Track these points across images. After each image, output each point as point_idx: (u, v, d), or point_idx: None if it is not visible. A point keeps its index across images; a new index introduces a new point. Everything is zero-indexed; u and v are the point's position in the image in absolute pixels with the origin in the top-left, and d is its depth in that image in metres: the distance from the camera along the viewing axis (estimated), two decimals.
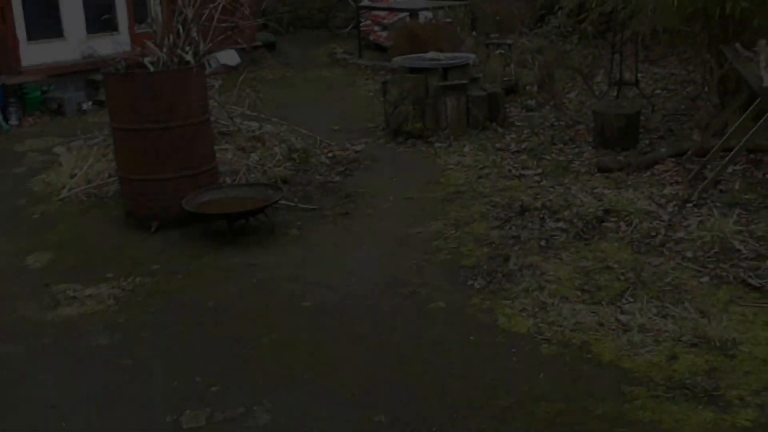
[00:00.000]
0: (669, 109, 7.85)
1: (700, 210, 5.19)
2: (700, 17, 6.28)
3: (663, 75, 9.53)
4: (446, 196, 5.93)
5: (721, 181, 5.54)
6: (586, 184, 5.86)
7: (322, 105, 9.51)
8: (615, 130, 6.60)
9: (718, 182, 5.51)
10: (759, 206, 5.19)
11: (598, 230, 5.00)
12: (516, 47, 9.57)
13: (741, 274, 4.24)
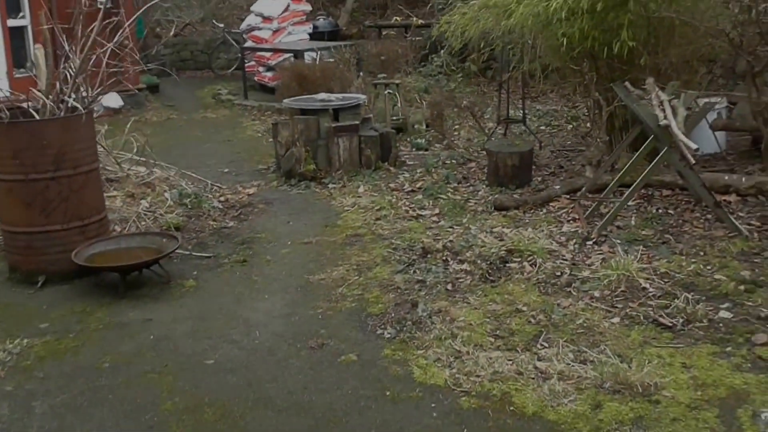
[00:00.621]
0: (557, 145, 7.92)
1: (600, 247, 5.12)
2: (588, 57, 6.33)
3: (545, 111, 9.68)
4: (345, 239, 5.62)
5: (617, 218, 5.52)
6: (484, 224, 5.70)
7: (210, 147, 9.05)
8: (509, 168, 6.53)
9: (615, 218, 5.47)
10: (657, 242, 5.17)
11: (503, 271, 4.83)
12: (403, 86, 9.47)
13: (651, 313, 4.14)
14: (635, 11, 5.90)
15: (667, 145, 5.14)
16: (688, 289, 4.45)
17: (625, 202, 5.41)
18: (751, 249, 4.99)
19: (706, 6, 6.35)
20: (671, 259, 4.87)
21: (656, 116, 5.12)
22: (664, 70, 6.40)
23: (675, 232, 5.38)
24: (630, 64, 6.21)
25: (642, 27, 6.06)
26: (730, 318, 4.10)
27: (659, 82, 5.72)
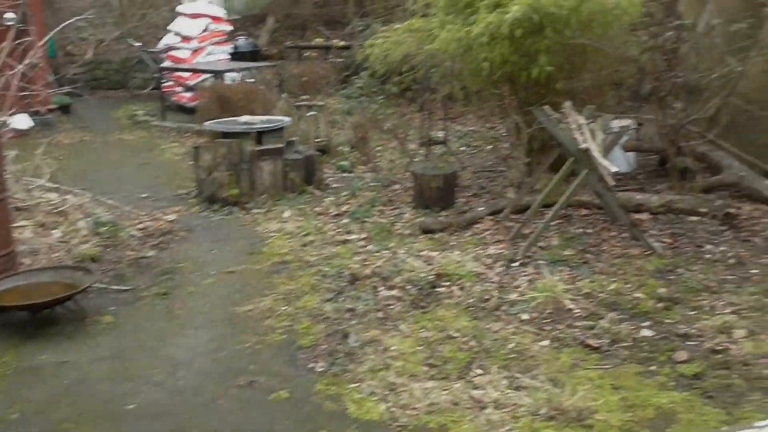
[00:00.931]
0: (477, 167, 8.00)
1: (526, 269, 5.17)
2: (508, 80, 6.42)
3: (464, 132, 9.78)
4: (272, 267, 5.50)
5: (540, 239, 5.59)
6: (412, 247, 5.68)
7: (127, 171, 8.74)
8: (434, 190, 6.54)
9: (538, 240, 5.54)
10: (579, 262, 5.26)
11: (433, 296, 4.81)
12: (326, 108, 9.40)
13: (578, 335, 4.20)
14: (552, 38, 6.03)
15: (587, 168, 5.25)
16: (611, 308, 4.54)
17: (548, 224, 5.49)
18: (665, 266, 5.14)
19: (615, 33, 6.55)
20: (593, 278, 4.96)
21: (576, 140, 5.23)
22: (578, 94, 6.57)
23: (595, 252, 5.49)
24: (547, 88, 6.34)
25: (558, 53, 6.19)
26: (652, 336, 4.19)
27: (574, 105, 5.86)
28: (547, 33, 6.02)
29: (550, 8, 5.84)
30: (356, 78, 10.89)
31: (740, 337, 4.06)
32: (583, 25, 6.20)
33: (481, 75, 6.31)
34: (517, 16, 5.75)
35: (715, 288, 4.76)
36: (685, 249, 5.47)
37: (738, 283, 4.83)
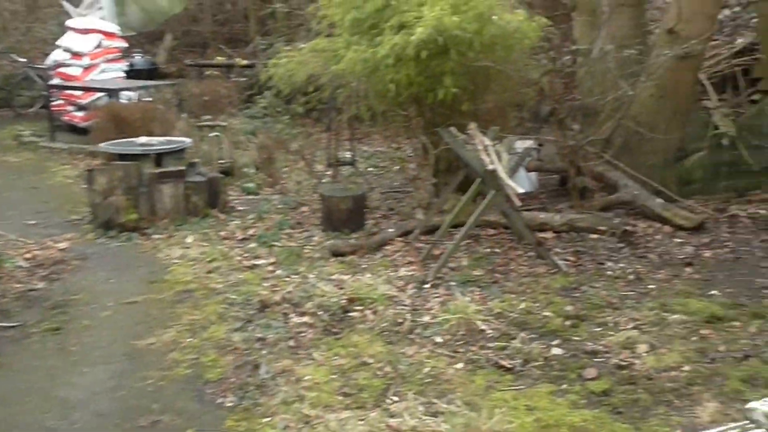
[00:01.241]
0: (386, 187, 7.98)
1: (437, 290, 5.15)
2: (414, 102, 6.43)
3: (371, 153, 9.77)
4: (175, 296, 5.25)
5: (449, 259, 5.59)
6: (322, 271, 5.56)
7: (12, 196, 8.21)
8: (343, 212, 6.46)
9: (448, 261, 5.54)
10: (489, 282, 5.29)
11: (346, 321, 4.71)
12: (229, 129, 9.18)
13: (492, 356, 4.19)
14: (456, 60, 6.08)
15: (494, 189, 5.29)
16: (522, 327, 4.57)
17: (458, 245, 5.51)
18: (570, 284, 5.24)
19: (517, 56, 6.68)
20: (503, 298, 4.99)
21: (482, 161, 5.27)
22: (482, 115, 6.66)
23: (503, 271, 5.53)
24: (453, 109, 6.39)
25: (463, 75, 6.25)
26: (562, 354, 4.24)
27: (479, 126, 5.93)
28: (452, 55, 6.07)
29: (454, 31, 5.88)
30: (260, 97, 10.70)
31: (643, 352, 4.16)
32: (486, 48, 6.29)
33: (387, 96, 6.29)
34: (422, 38, 5.77)
35: (617, 304, 4.88)
36: (587, 266, 5.59)
37: (637, 298, 4.96)
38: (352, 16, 6.30)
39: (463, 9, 6.02)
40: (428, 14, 5.80)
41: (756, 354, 4.02)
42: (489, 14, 6.20)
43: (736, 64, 7.77)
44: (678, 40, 6.86)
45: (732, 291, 5.01)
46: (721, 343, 4.18)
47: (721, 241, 6.07)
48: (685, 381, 3.78)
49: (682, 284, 5.17)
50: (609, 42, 7.08)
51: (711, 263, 5.59)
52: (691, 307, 4.70)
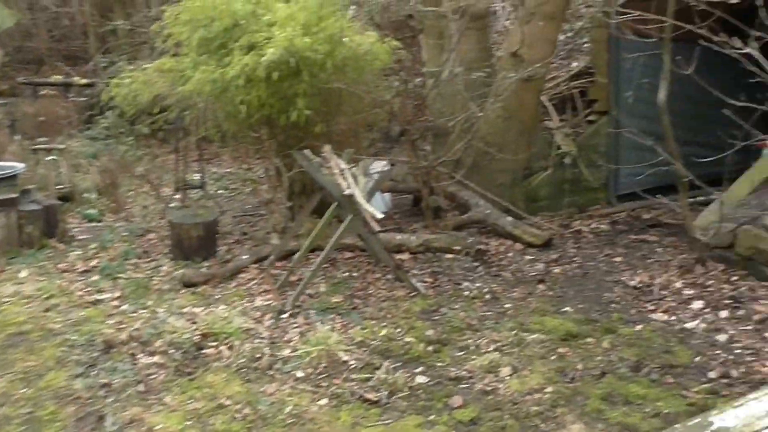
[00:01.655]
0: (238, 211, 7.63)
1: (296, 320, 4.90)
2: (267, 123, 6.16)
3: (221, 174, 9.37)
4: (6, 340, 4.66)
5: (307, 286, 5.35)
6: (173, 304, 5.16)
7: None
8: (194, 239, 6.06)
9: (306, 288, 5.31)
10: (348, 309, 5.10)
11: (200, 360, 4.35)
12: (68, 152, 8.47)
13: (356, 389, 3.99)
14: (309, 81, 5.89)
15: (351, 213, 5.13)
16: (385, 356, 4.41)
17: (317, 272, 5.29)
18: (430, 306, 5.15)
19: (369, 78, 6.59)
20: (364, 325, 4.82)
21: (339, 185, 5.09)
22: (336, 137, 6.51)
23: (362, 296, 5.37)
24: (306, 131, 6.18)
25: (316, 96, 6.07)
26: (427, 383, 4.11)
27: (333, 148, 5.76)
28: (304, 77, 5.87)
29: (306, 52, 5.69)
30: (102, 118, 9.99)
31: (506, 375, 4.11)
32: (338, 70, 6.14)
33: (238, 117, 5.99)
34: (274, 59, 5.53)
35: (477, 326, 4.84)
36: (445, 287, 5.55)
37: (496, 318, 4.96)
38: (200, 35, 5.96)
39: (314, 30, 5.84)
40: (279, 35, 5.57)
41: (611, 370, 4.08)
42: (340, 36, 6.07)
43: (573, 87, 8.10)
44: (522, 63, 7.06)
45: (583, 307, 5.12)
46: (578, 361, 4.21)
47: (569, 256, 6.24)
48: (549, 403, 3.76)
49: (537, 302, 5.22)
50: (457, 64, 7.16)
51: (561, 279, 5.71)
52: (547, 325, 4.74)
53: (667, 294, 5.18)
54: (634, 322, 4.78)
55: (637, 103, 7.46)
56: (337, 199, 5.19)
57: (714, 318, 4.73)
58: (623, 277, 5.65)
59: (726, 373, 3.97)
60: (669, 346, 4.37)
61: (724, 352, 4.25)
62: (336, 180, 5.11)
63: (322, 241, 5.56)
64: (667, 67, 5.33)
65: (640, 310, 5.01)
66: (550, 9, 7.16)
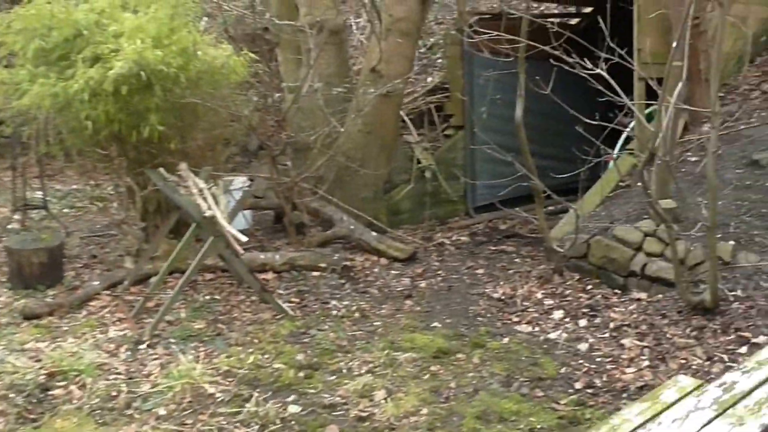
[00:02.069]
0: (86, 231, 7.04)
1: (156, 350, 4.54)
2: (116, 140, 5.71)
3: (65, 192, 8.66)
4: None
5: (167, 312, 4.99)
6: (13, 340, 4.63)
7: None
8: (36, 266, 5.50)
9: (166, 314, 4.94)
10: (212, 335, 4.80)
11: (47, 402, 3.92)
12: None
13: (225, 424, 3.72)
14: (161, 96, 5.54)
15: (213, 234, 4.83)
16: (254, 385, 4.16)
17: (177, 297, 4.93)
18: (298, 328, 4.95)
19: (226, 92, 6.29)
20: (230, 352, 4.54)
21: (199, 206, 4.78)
22: (192, 153, 6.18)
23: (226, 321, 5.08)
24: (160, 147, 5.81)
25: (170, 111, 5.72)
26: (300, 412, 3.91)
27: (190, 165, 5.45)
28: (156, 91, 5.51)
29: (158, 65, 5.35)
30: None
31: (381, 399, 3.99)
32: (192, 84, 5.82)
33: (83, 133, 5.51)
34: (122, 72, 5.14)
35: (347, 347, 4.69)
36: (312, 307, 5.37)
37: (366, 338, 4.83)
38: (36, 46, 5.43)
39: (166, 43, 5.51)
40: (127, 47, 5.18)
41: (484, 387, 4.06)
42: (194, 49, 5.76)
43: (430, 102, 8.19)
44: (381, 78, 7.03)
45: (451, 321, 5.11)
46: (451, 379, 4.16)
47: (433, 270, 6.25)
48: (426, 426, 3.67)
49: (406, 318, 5.15)
50: (317, 79, 7.01)
51: (428, 294, 5.69)
52: (418, 342, 4.67)
53: (529, 305, 5.28)
54: (501, 335, 4.82)
55: (492, 118, 7.66)
56: (197, 220, 4.87)
57: (574, 327, 4.86)
58: (487, 289, 5.71)
59: (590, 382, 4.07)
60: (536, 358, 4.42)
61: (587, 362, 4.36)
62: (195, 200, 4.80)
63: (181, 264, 5.22)
64: (522, 85, 5.45)
65: (505, 322, 5.07)
66: (405, 26, 7.19)
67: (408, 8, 7.18)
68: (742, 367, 2.85)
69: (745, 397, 2.59)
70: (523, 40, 5.40)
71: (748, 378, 2.70)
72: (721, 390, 2.64)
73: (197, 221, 4.88)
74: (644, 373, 4.11)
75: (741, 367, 2.86)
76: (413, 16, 7.24)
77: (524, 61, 5.49)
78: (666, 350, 4.32)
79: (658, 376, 4.04)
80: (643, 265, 5.16)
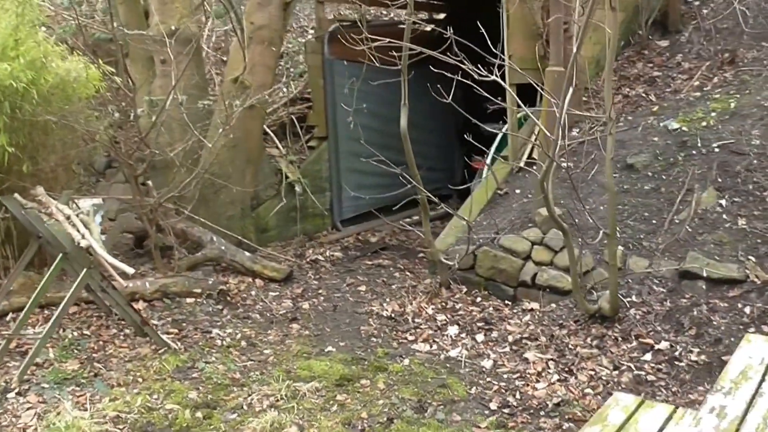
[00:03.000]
0: None
1: (28, 398, 4.14)
2: None
3: None
4: None
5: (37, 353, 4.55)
6: None
7: None
8: None
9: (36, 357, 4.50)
10: (89, 376, 4.45)
11: None
12: None
13: None
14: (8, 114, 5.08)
15: (86, 265, 4.47)
16: (148, 431, 3.90)
17: (47, 337, 4.50)
18: (184, 363, 4.71)
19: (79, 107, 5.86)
20: (113, 394, 4.24)
21: (70, 235, 4.40)
22: (45, 176, 5.72)
23: (101, 358, 4.73)
24: (8, 171, 5.31)
25: (20, 130, 5.25)
26: None
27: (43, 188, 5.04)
28: (5, 108, 5.05)
29: (6, 80, 4.91)
30: None
31: None
32: (44, 99, 5.38)
33: None
34: None
35: (242, 380, 4.53)
36: (193, 337, 5.13)
37: (260, 369, 4.69)
38: None
39: (12, 55, 5.06)
40: None
41: (397, 414, 4.06)
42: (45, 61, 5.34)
43: (291, 112, 8.10)
44: (245, 89, 6.85)
45: (344, 344, 5.08)
46: (361, 408, 4.13)
47: (313, 289, 6.19)
48: None
49: (296, 343, 5.06)
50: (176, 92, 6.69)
51: (314, 315, 5.63)
52: (316, 369, 4.60)
53: (421, 322, 5.37)
54: (401, 356, 4.86)
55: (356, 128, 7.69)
56: (66, 251, 4.48)
57: (472, 343, 5.01)
58: (373, 306, 5.74)
59: (504, 401, 4.20)
60: (442, 378, 4.50)
61: (494, 379, 4.50)
62: (64, 229, 4.41)
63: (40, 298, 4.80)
64: (405, 94, 5.48)
65: (401, 341, 5.13)
66: (267, 34, 7.08)
67: (269, 15, 7.06)
68: (719, 387, 2.97)
69: (742, 423, 2.70)
70: (410, 46, 5.37)
71: (733, 399, 2.83)
72: (716, 417, 2.73)
73: (65, 252, 4.48)
74: (556, 387, 4.30)
75: (718, 388, 2.97)
76: (274, 23, 7.13)
77: (407, 69, 5.48)
78: (571, 362, 4.56)
79: (570, 389, 4.25)
80: (533, 274, 5.40)
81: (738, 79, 6.89)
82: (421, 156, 8.69)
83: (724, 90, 6.73)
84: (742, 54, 7.28)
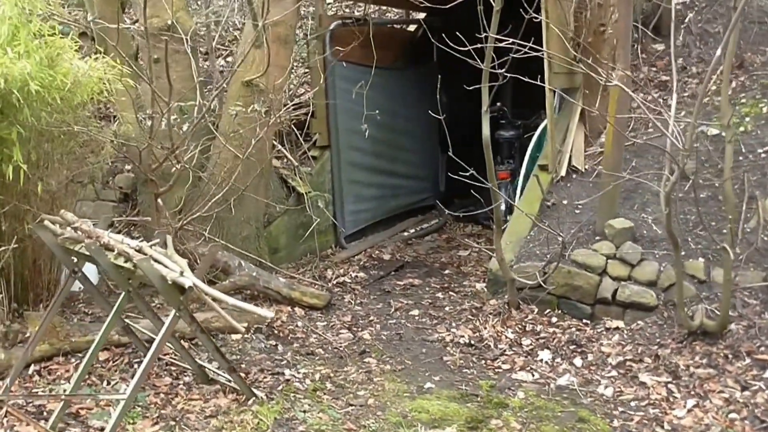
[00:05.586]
0: None
1: None
2: None
3: None
4: None
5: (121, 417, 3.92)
6: None
7: None
8: None
9: None
10: None
11: None
12: None
13: None
14: (22, 122, 4.41)
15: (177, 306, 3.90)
16: None
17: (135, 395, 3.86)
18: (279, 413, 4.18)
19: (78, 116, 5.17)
20: None
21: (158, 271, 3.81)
22: (57, 195, 5.03)
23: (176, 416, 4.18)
24: (11, 192, 4.65)
25: (32, 143, 4.60)
26: None
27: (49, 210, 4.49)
28: (23, 115, 4.38)
29: (30, 83, 4.27)
30: None
31: None
32: (67, 105, 4.72)
33: None
34: None
35: (353, 427, 4.11)
36: (266, 381, 4.64)
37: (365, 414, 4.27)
38: None
39: (21, 50, 4.40)
40: None
41: None
42: (66, 58, 4.68)
43: (290, 118, 7.57)
44: (260, 93, 6.31)
45: (439, 378, 4.75)
46: None
47: (362, 316, 5.80)
48: None
49: (387, 381, 4.68)
50: (175, 96, 6.03)
51: (381, 347, 5.25)
52: (433, 411, 4.26)
53: (505, 347, 5.12)
54: (509, 388, 4.60)
55: (360, 136, 7.32)
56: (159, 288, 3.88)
57: (574, 368, 4.81)
58: (441, 333, 5.44)
59: None
60: (572, 412, 4.26)
61: (626, 408, 4.32)
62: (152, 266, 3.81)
63: (62, 342, 4.31)
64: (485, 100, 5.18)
65: (497, 371, 4.86)
66: (283, 31, 6.55)
67: (284, 9, 6.50)
68: None
69: None
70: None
71: None
72: None
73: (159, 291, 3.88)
74: (698, 414, 4.16)
75: None
76: (290, 19, 6.60)
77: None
78: (692, 384, 4.44)
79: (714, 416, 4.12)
80: (614, 290, 5.25)
81: (757, 83, 7.07)
82: (405, 163, 8.50)
83: (749, 95, 6.89)
84: (750, 59, 7.50)
